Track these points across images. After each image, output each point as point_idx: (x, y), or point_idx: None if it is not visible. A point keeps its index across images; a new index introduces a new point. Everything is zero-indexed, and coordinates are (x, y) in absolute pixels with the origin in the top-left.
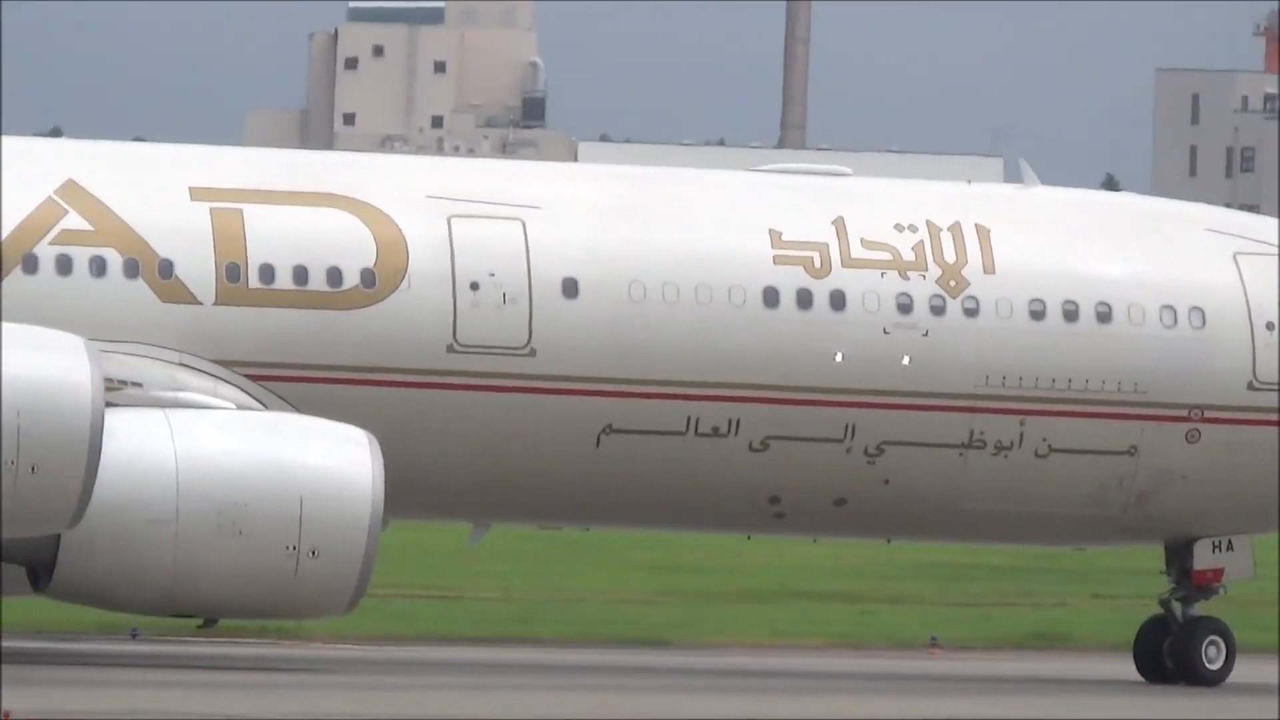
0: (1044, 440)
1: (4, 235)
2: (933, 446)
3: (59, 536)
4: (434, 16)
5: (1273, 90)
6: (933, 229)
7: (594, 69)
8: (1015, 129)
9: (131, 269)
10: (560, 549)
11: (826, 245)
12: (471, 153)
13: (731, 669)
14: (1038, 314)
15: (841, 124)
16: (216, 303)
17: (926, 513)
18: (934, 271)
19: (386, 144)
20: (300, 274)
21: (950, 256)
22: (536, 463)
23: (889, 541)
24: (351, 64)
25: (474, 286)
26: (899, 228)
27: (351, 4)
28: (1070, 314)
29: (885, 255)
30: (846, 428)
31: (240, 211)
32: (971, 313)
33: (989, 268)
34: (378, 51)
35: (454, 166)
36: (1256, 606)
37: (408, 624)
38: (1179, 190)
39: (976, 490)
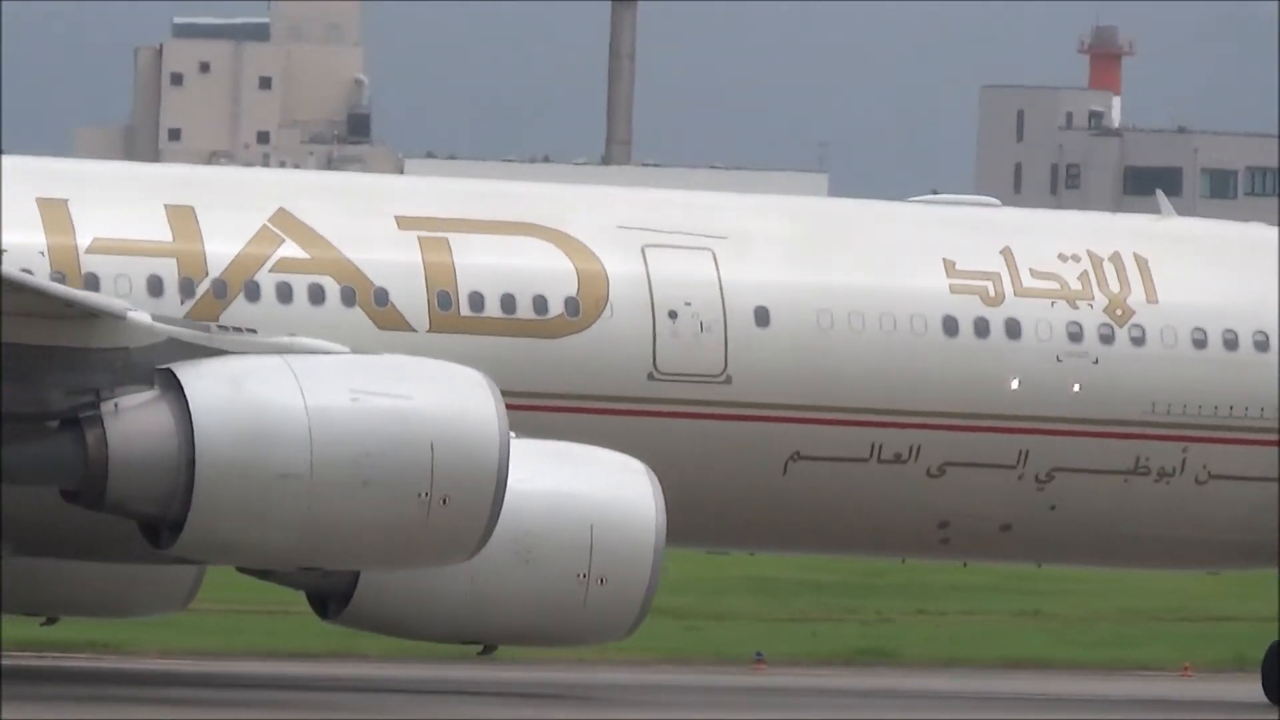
0: (1204, 467)
1: (225, 264)
2: (1100, 473)
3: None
4: (260, 32)
5: (1097, 107)
6: (1094, 259)
7: (419, 85)
8: (832, 146)
9: (349, 297)
10: None
11: (999, 275)
12: (298, 168)
13: (556, 684)
14: (1200, 343)
15: (666, 140)
16: (430, 330)
17: (1088, 538)
18: (1100, 301)
19: (213, 160)
20: (508, 302)
21: (1114, 286)
22: (727, 488)
23: (1039, 565)
24: (177, 80)
25: (672, 315)
26: (1063, 258)
27: (177, 20)
28: (1230, 343)
29: (1054, 285)
30: (1020, 454)
31: (447, 241)
32: (1138, 341)
33: (1151, 297)
34: (204, 67)
35: (642, 198)
36: None
37: (237, 638)
38: None
39: (1138, 516)
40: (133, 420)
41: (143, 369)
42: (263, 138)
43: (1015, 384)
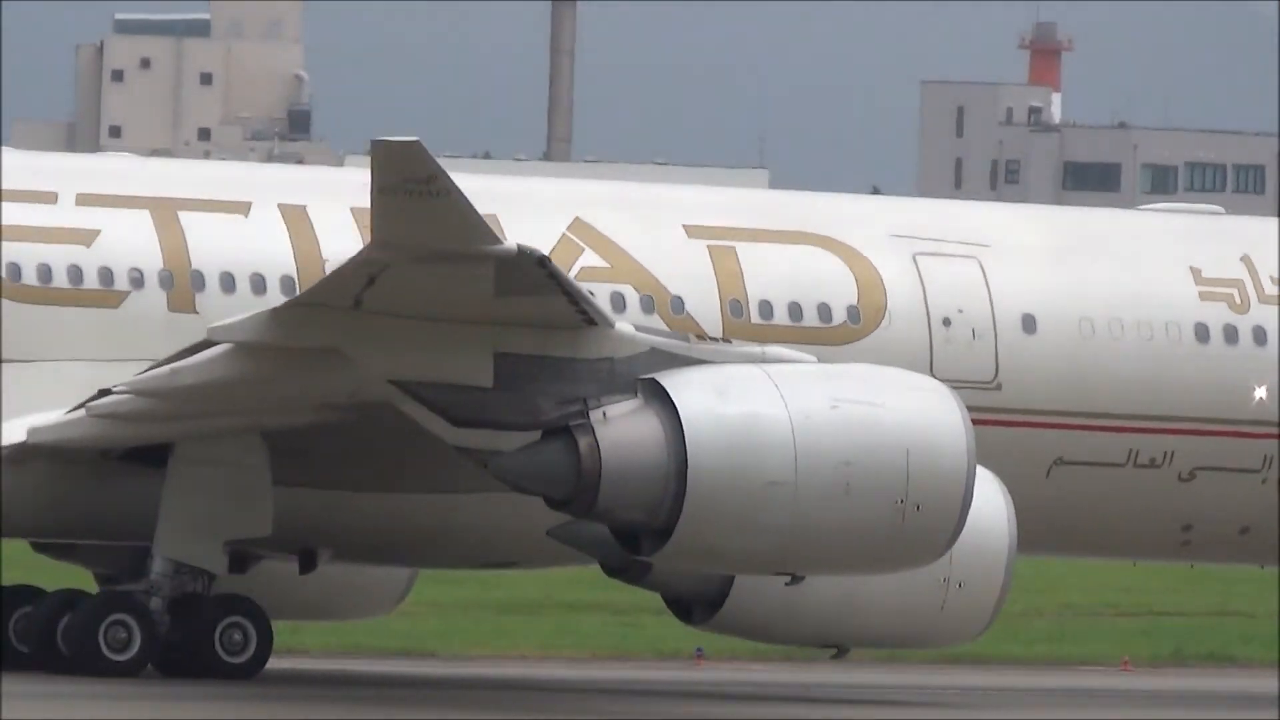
0: None
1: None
2: None
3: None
4: (201, 29)
5: (1037, 103)
6: None
7: (359, 82)
8: (772, 141)
9: (648, 305)
10: None
11: (1242, 282)
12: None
13: (497, 680)
14: None
15: (607, 136)
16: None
17: None
18: None
19: (155, 156)
20: (795, 310)
21: None
22: None
23: (1262, 568)
24: (118, 76)
25: (946, 323)
26: None
27: (118, 15)
28: None
29: None
30: (1265, 459)
31: (734, 250)
32: None
33: None
34: (144, 64)
35: (906, 206)
36: None
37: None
38: None
39: None
40: (623, 429)
41: (626, 379)
42: (204, 134)
43: (1262, 391)
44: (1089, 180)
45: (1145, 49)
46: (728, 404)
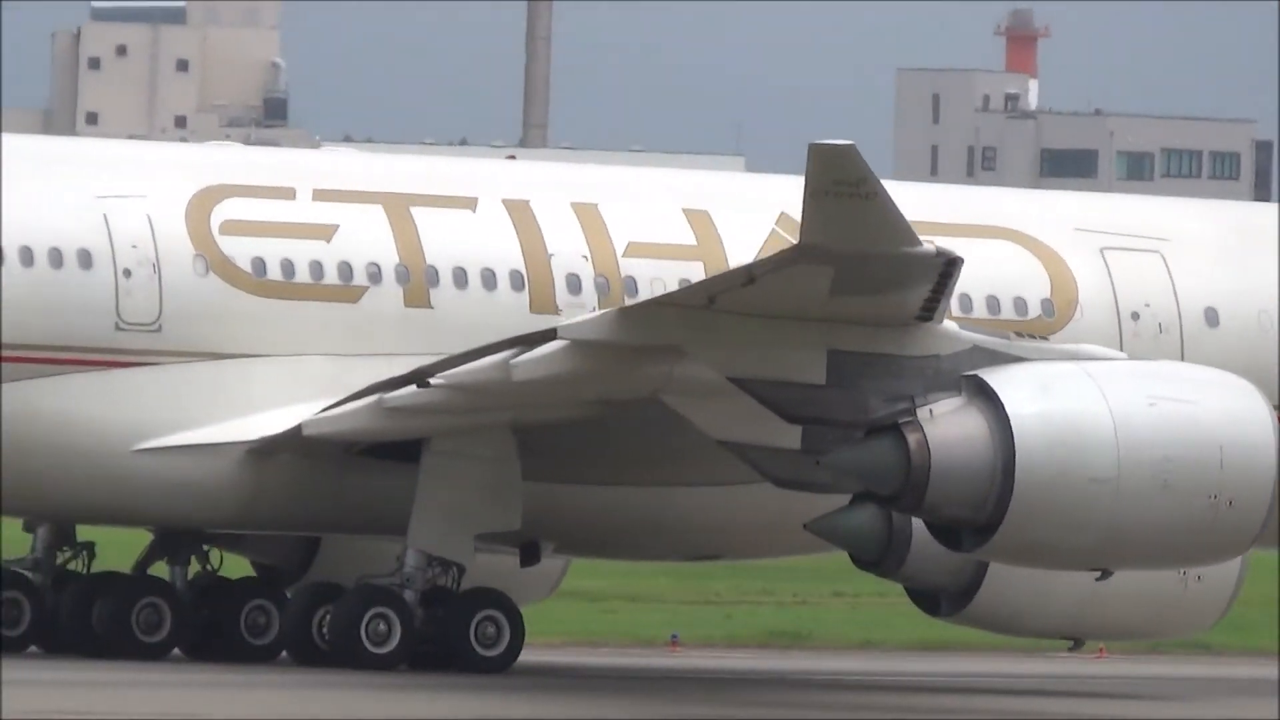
0: None
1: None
2: None
3: (985, 565)
4: (177, 16)
5: (1013, 90)
6: None
7: (336, 68)
8: (748, 128)
9: None
10: None
11: None
12: None
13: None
14: None
15: (584, 122)
16: None
17: None
18: None
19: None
20: (993, 304)
21: None
22: None
23: None
24: (94, 63)
25: (1134, 316)
26: None
27: (95, 3)
28: None
29: None
30: None
31: (933, 244)
32: None
33: None
34: (121, 51)
35: (1088, 201)
36: None
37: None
38: None
39: None
40: (950, 426)
41: (949, 376)
42: (180, 121)
43: None
44: (1065, 167)
45: (1122, 36)
46: (1052, 401)
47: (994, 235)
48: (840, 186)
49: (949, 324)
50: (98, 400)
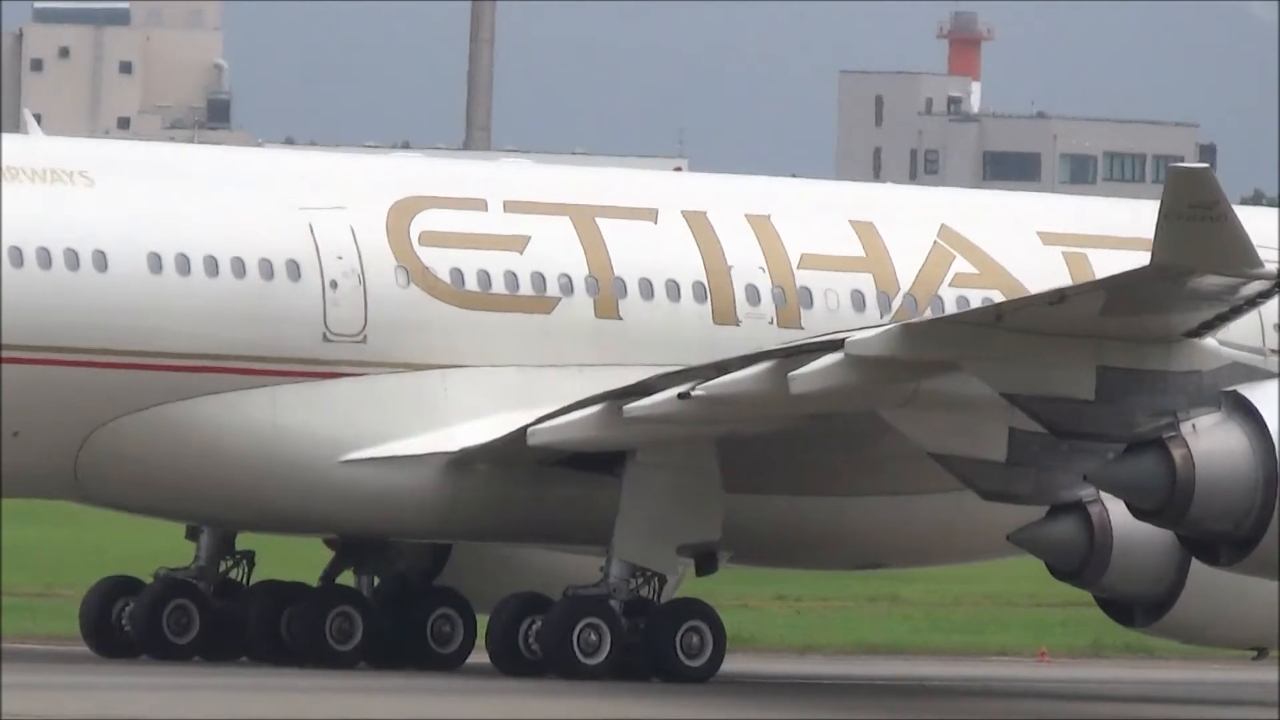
0: None
1: (912, 279)
2: None
3: (1184, 577)
4: (120, 17)
5: (956, 93)
6: None
7: (279, 70)
8: (691, 131)
9: None
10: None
11: None
12: None
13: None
14: None
15: (527, 125)
16: None
17: None
18: None
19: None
20: None
21: None
22: None
23: None
24: (37, 65)
25: (1278, 329)
26: None
27: (37, 4)
28: None
29: None
30: None
31: (1085, 256)
32: None
33: None
34: (64, 53)
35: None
36: None
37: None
38: None
39: None
40: (1213, 441)
41: (1210, 392)
42: (123, 123)
43: None
44: (1008, 170)
45: (1065, 39)
46: None
47: (1139, 247)
48: (1195, 210)
49: (1210, 340)
50: (306, 411)
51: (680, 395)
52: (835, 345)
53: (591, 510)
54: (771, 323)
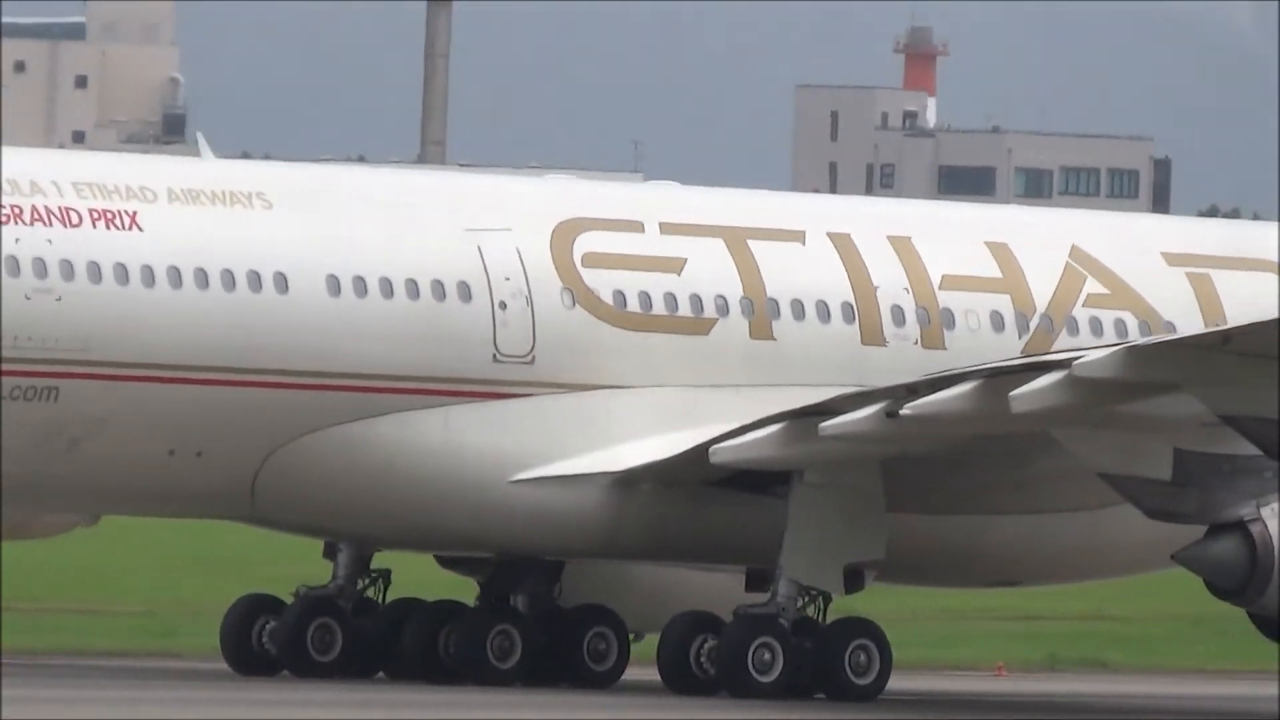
0: None
1: (1048, 300)
2: None
3: None
4: (76, 32)
5: (912, 107)
6: None
7: (234, 84)
8: (647, 145)
9: (1145, 332)
10: (192, 563)
11: None
12: None
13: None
14: None
15: (481, 139)
16: None
17: None
18: None
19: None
20: None
21: None
22: None
23: None
24: None
25: None
26: None
27: None
28: None
29: None
30: None
31: (1209, 276)
32: None
33: None
34: (19, 67)
35: None
36: None
37: (50, 638)
38: None
39: None
40: None
41: None
42: (78, 137)
43: None
44: (964, 184)
45: (1020, 54)
46: None
47: (1260, 268)
48: None
49: None
50: (477, 431)
51: (889, 414)
52: (1050, 365)
53: (749, 530)
54: (916, 343)
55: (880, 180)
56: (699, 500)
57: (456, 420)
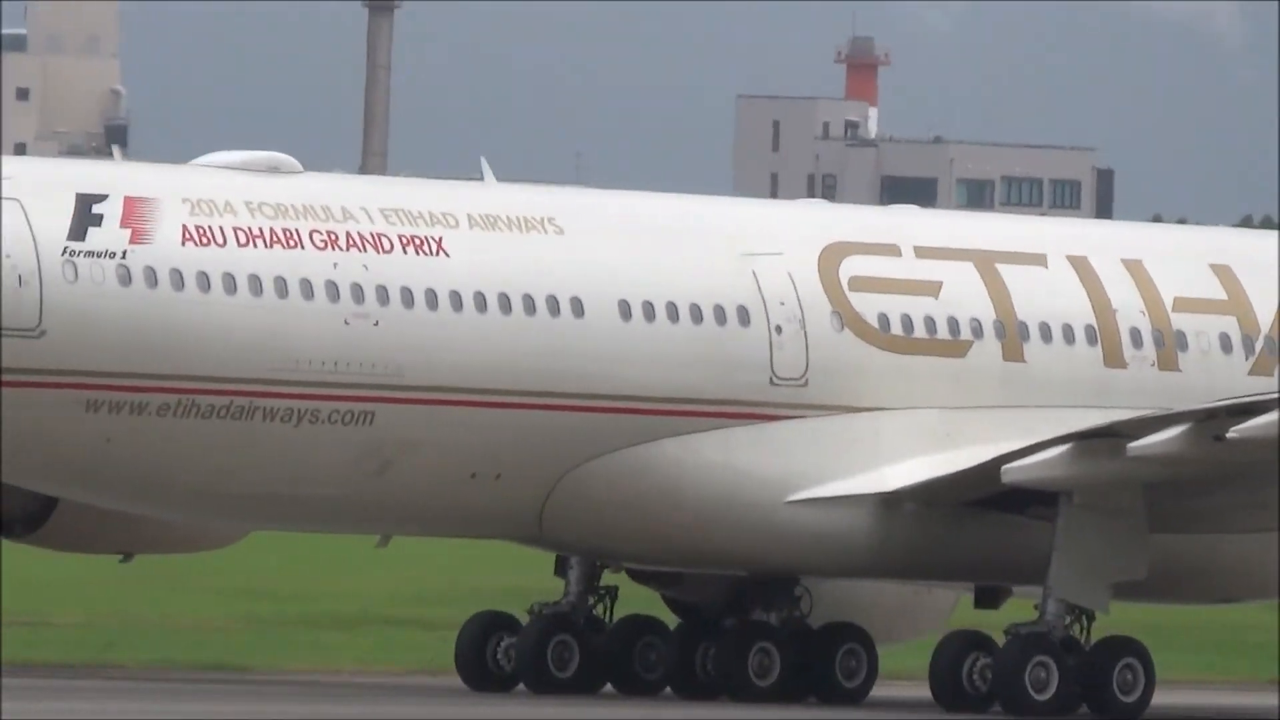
0: None
1: (1269, 321)
2: None
3: None
4: (17, 43)
5: (853, 117)
6: None
7: (177, 96)
8: (587, 155)
9: None
10: (138, 575)
11: None
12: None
13: (316, 695)
14: None
15: (422, 150)
16: None
17: None
18: None
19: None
20: None
21: None
22: None
23: None
24: None
25: None
26: None
27: None
28: None
29: None
30: None
31: None
32: None
33: None
34: None
35: None
36: None
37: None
38: None
39: None
40: None
41: None
42: (19, 149)
43: None
44: (906, 194)
45: (962, 64)
46: None
47: None
48: None
49: None
50: (755, 453)
51: (1216, 437)
52: None
53: (1006, 549)
54: (1153, 365)
55: (822, 191)
56: (960, 521)
57: (736, 442)
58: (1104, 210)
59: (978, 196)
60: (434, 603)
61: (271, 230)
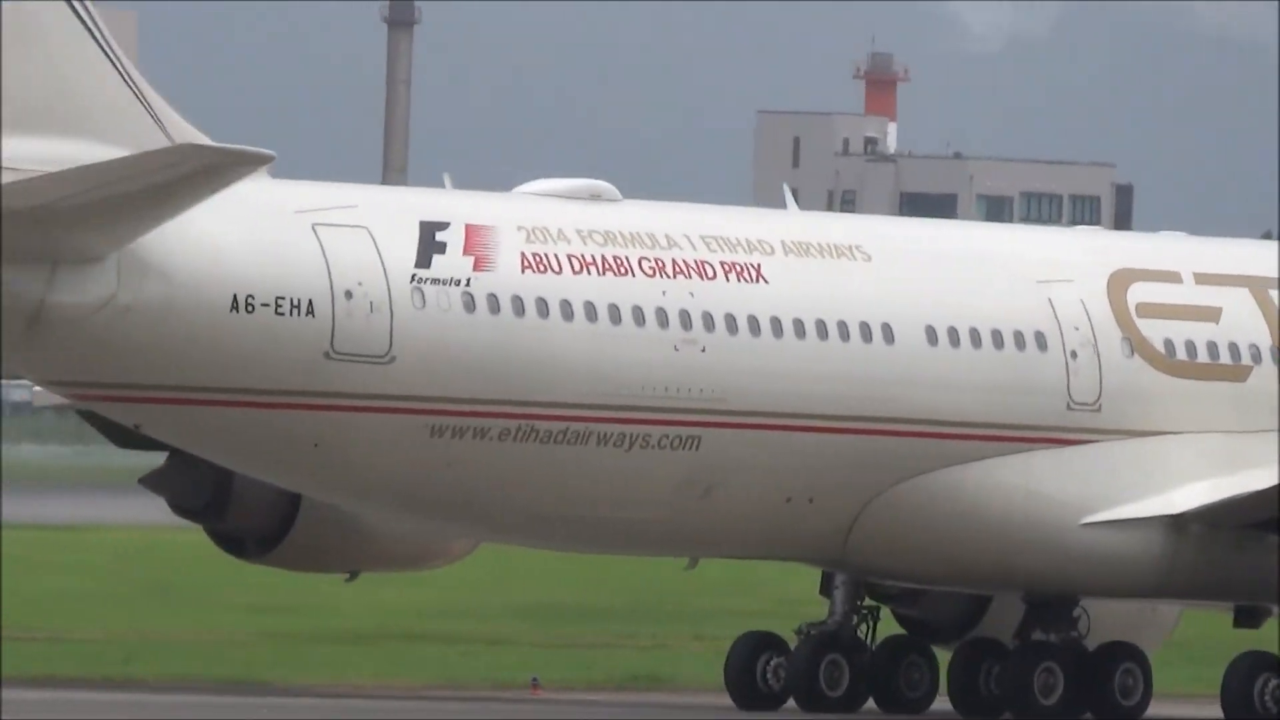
0: None
1: None
2: None
3: None
4: None
5: (873, 133)
6: None
7: (194, 109)
8: (609, 170)
9: None
10: (156, 590)
11: None
12: None
13: (334, 711)
14: None
15: (443, 167)
16: None
17: None
18: None
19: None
20: None
21: None
22: None
23: None
24: None
25: None
26: None
27: None
28: None
29: None
30: None
31: None
32: None
33: None
34: None
35: None
36: None
37: (7, 665)
38: None
39: None
40: None
41: None
42: None
43: None
44: (925, 210)
45: (982, 80)
46: None
47: None
48: None
49: None
50: (1053, 477)
51: None
52: None
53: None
54: None
55: (841, 207)
56: (1242, 542)
57: (1036, 466)
58: (1123, 226)
59: (997, 212)
60: (455, 617)
61: (603, 258)
